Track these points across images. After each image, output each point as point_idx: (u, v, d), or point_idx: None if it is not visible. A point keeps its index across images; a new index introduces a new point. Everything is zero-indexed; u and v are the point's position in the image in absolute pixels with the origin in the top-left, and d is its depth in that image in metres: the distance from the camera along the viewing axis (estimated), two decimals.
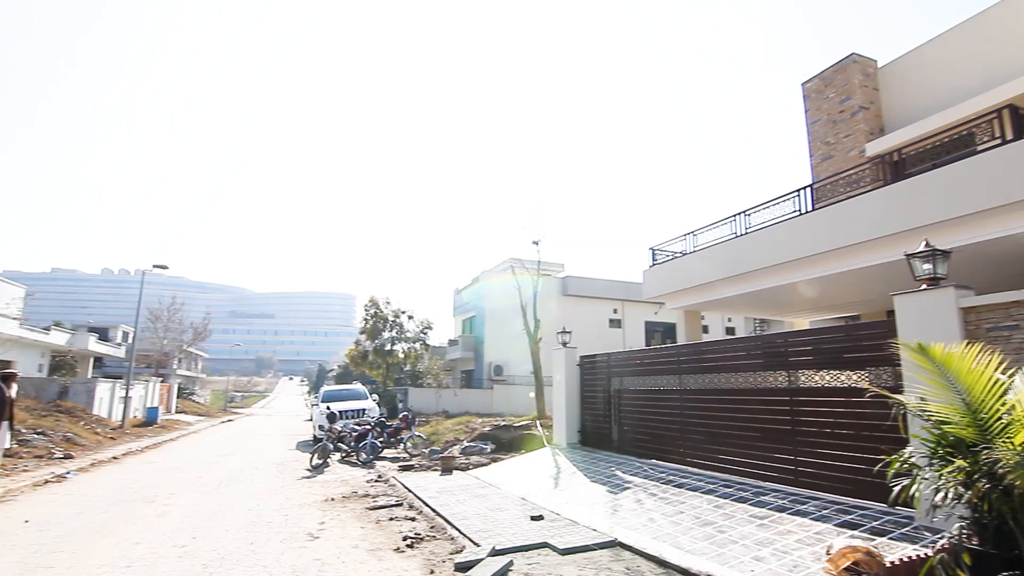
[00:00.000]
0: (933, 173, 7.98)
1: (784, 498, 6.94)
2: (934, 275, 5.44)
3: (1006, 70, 10.36)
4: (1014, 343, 4.91)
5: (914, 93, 12.47)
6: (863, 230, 8.77)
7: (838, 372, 6.91)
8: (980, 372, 3.82)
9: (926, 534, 5.30)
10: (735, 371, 8.56)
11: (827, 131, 13.85)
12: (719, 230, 12.47)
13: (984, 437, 3.81)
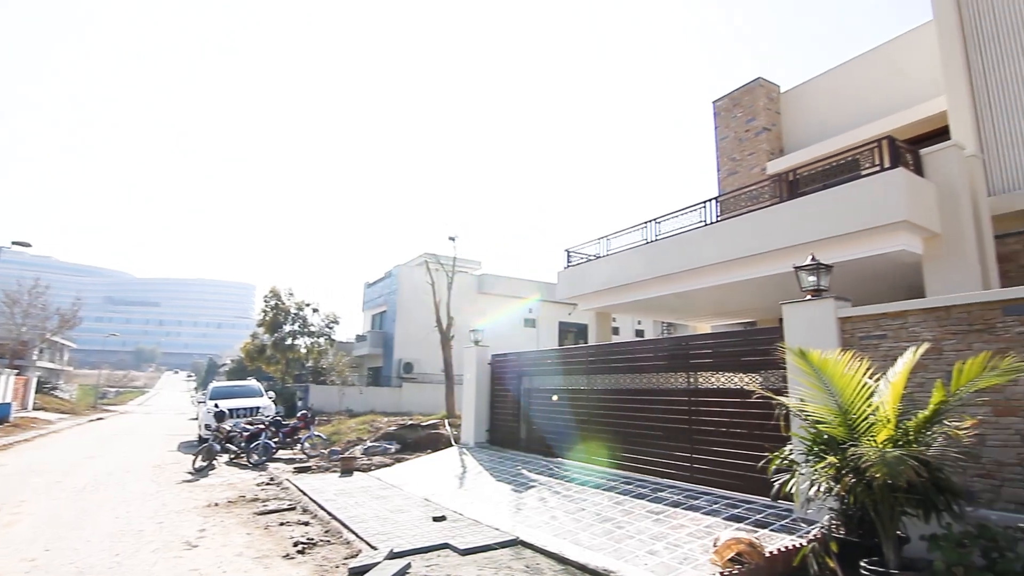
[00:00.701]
0: (820, 194, 8.66)
1: (680, 494, 7.24)
2: (818, 287, 5.86)
3: (886, 105, 11.51)
4: (882, 351, 5.37)
5: (810, 119, 13.55)
6: (760, 242, 9.36)
7: (733, 374, 7.30)
8: (851, 376, 4.11)
9: (802, 525, 5.69)
10: (640, 372, 8.85)
11: (734, 148, 14.74)
12: (631, 235, 12.89)
13: (852, 435, 4.12)
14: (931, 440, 4.06)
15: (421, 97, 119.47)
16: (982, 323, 4.88)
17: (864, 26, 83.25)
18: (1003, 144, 9.14)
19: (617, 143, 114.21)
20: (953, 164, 7.97)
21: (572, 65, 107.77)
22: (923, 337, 5.16)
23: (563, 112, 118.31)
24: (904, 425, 4.05)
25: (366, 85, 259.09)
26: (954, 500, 4.02)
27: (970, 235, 7.76)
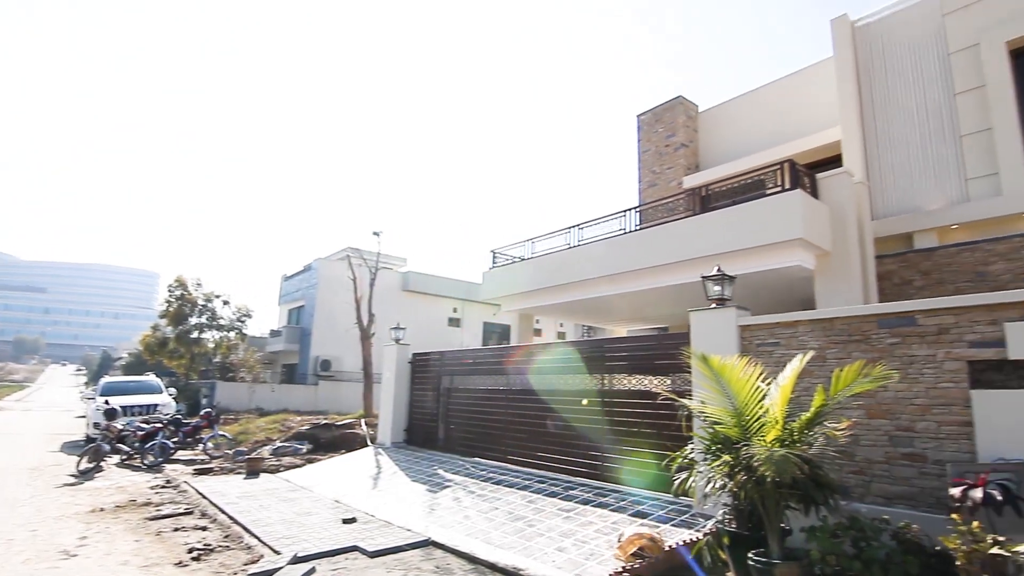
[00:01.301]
0: (728, 210, 9.25)
1: (590, 492, 7.46)
2: (722, 296, 6.26)
3: (790, 131, 12.48)
4: (775, 357, 5.81)
5: (723, 138, 14.41)
6: (674, 252, 9.85)
7: (644, 377, 7.62)
8: (746, 381, 4.42)
9: (700, 520, 6.03)
10: (558, 373, 9.04)
11: (654, 161, 15.41)
12: (556, 240, 13.18)
13: (746, 435, 4.43)
14: (813, 440, 4.44)
15: (353, 87, 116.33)
16: (860, 334, 5.40)
17: (777, 55, 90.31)
18: (885, 174, 10.15)
19: (547, 149, 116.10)
20: (844, 189, 8.76)
21: (506, 72, 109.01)
22: (810, 345, 5.63)
23: (494, 117, 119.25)
24: (790, 426, 4.41)
25: (291, 70, 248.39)
26: (831, 495, 4.41)
27: (855, 254, 8.55)
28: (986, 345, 4.72)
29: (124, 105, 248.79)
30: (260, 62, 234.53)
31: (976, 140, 9.07)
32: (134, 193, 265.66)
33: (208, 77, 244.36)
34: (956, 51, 9.44)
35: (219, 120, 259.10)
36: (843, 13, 11.17)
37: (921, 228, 9.31)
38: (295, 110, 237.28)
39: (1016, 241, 8.18)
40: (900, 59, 10.36)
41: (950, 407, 4.86)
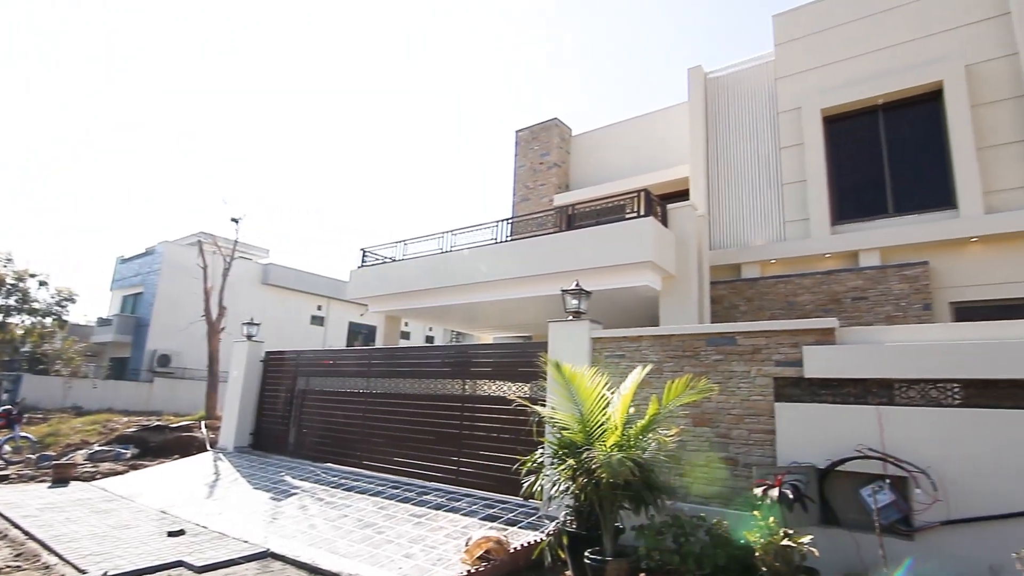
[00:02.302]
0: (591, 230, 9.90)
1: (444, 496, 7.49)
2: (578, 310, 6.67)
3: (647, 164, 13.70)
4: (621, 368, 6.30)
5: (592, 163, 15.38)
6: (541, 265, 10.28)
7: (504, 383, 7.84)
8: (592, 389, 4.75)
9: (546, 522, 6.31)
10: (421, 377, 8.99)
11: (528, 176, 16.00)
12: (429, 243, 13.13)
13: (589, 441, 4.76)
14: (646, 445, 4.88)
15: (216, 60, 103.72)
16: (692, 351, 6.05)
17: (645, 91, 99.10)
18: (723, 210, 11.51)
19: (426, 153, 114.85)
20: (689, 221, 9.78)
21: (388, 73, 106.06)
22: (651, 359, 6.20)
23: (377, 116, 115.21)
24: (628, 432, 4.81)
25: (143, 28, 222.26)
26: (659, 496, 4.88)
27: (695, 279, 9.57)
28: (788, 364, 5.53)
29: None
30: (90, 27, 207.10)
31: (794, 189, 10.64)
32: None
33: None
34: (783, 111, 11.01)
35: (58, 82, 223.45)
36: (698, 64, 12.53)
37: (748, 260, 10.68)
38: (144, 71, 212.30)
39: (818, 277, 9.70)
40: (741, 111, 11.84)
41: (759, 417, 5.61)
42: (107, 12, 76.00)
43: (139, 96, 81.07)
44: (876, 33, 10.26)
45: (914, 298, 8.75)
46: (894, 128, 10.08)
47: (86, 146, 79.43)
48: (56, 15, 41.05)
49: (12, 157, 62.66)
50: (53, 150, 75.84)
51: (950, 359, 4.81)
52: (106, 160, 78.18)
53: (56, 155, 74.93)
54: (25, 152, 71.16)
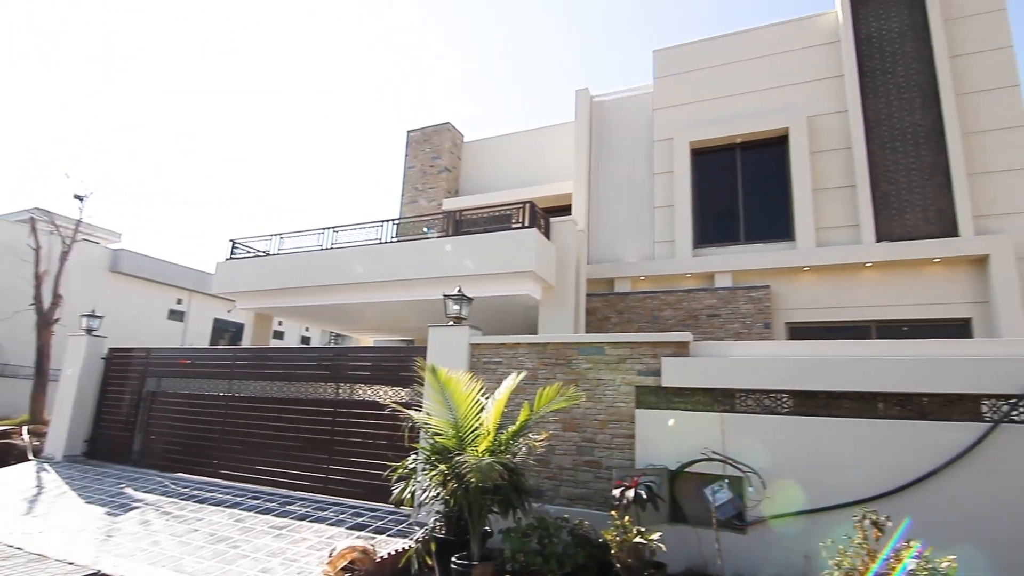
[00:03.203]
0: (478, 236, 10.04)
1: (310, 506, 7.15)
2: (459, 315, 6.71)
3: (534, 176, 14.18)
4: (498, 374, 6.43)
5: (482, 171, 15.59)
6: (427, 268, 10.22)
7: (381, 387, 7.66)
8: (467, 394, 4.81)
9: (416, 528, 6.25)
10: (293, 380, 8.52)
11: (418, 178, 15.83)
12: (308, 239, 12.50)
13: (462, 446, 4.81)
14: (517, 450, 5.03)
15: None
16: (564, 359, 6.33)
17: (534, 105, 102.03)
18: (601, 227, 12.22)
19: (312, 152, 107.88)
20: (569, 235, 10.26)
21: (275, 69, 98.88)
22: (527, 366, 6.40)
23: (259, 111, 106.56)
24: (500, 437, 4.92)
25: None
26: (527, 498, 5.04)
27: (572, 291, 10.05)
28: (648, 374, 5.97)
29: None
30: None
31: (663, 212, 11.57)
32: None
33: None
34: (658, 140, 11.95)
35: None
36: (586, 87, 13.24)
37: (620, 275, 11.43)
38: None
39: (680, 295, 10.62)
40: (622, 136, 12.66)
41: (621, 422, 6.00)
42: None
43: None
44: (738, 79, 11.50)
45: (757, 317, 9.87)
46: (749, 165, 11.34)
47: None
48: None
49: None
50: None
51: (781, 372, 5.49)
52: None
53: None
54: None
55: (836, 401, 5.34)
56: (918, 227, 9.58)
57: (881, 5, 10.62)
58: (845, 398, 5.30)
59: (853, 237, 9.96)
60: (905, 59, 10.25)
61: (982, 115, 9.63)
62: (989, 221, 9.23)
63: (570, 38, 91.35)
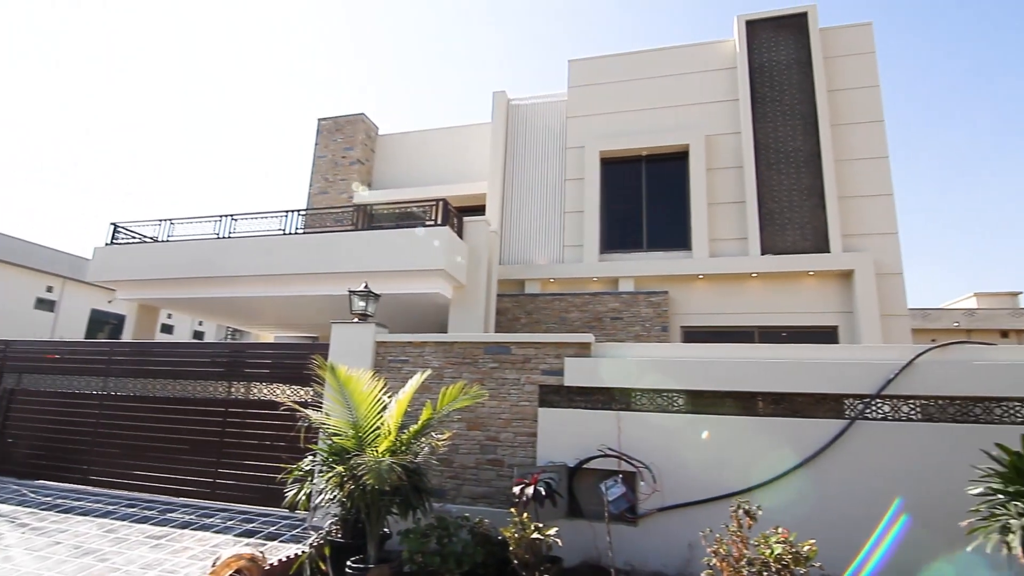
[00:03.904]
0: (389, 232, 9.84)
1: (194, 513, 6.69)
2: (365, 312, 6.55)
3: (449, 174, 14.12)
4: (403, 373, 6.34)
5: (396, 165, 15.28)
6: (335, 263, 9.85)
7: (286, 386, 7.29)
8: (368, 393, 4.70)
9: (311, 533, 6.01)
10: (181, 378, 7.91)
11: (329, 169, 15.24)
12: (203, 226, 11.65)
13: (361, 446, 4.70)
14: (419, 449, 4.98)
15: None
16: (471, 358, 6.36)
17: (453, 103, 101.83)
18: (513, 228, 12.40)
19: (210, 127, 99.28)
20: (482, 235, 10.31)
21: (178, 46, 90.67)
22: (433, 365, 6.36)
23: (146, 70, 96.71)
24: (401, 437, 4.85)
25: None
26: (427, 498, 5.00)
27: (483, 291, 10.11)
28: (552, 373, 6.14)
29: None
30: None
31: (573, 217, 11.93)
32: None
33: None
34: (571, 147, 12.31)
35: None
36: (503, 90, 13.37)
37: (531, 277, 11.65)
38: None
39: (586, 298, 10.99)
40: (537, 140, 12.91)
41: (524, 421, 6.12)
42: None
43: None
44: (646, 94, 12.10)
45: (656, 321, 10.43)
46: (653, 177, 11.96)
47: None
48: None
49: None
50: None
51: (673, 373, 5.84)
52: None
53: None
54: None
55: (721, 400, 5.75)
56: (797, 242, 10.56)
57: (772, 38, 11.60)
58: (729, 397, 5.73)
59: (742, 249, 10.79)
60: (791, 89, 11.26)
61: (852, 145, 10.79)
62: (855, 240, 10.36)
63: (492, 41, 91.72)
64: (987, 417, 5.07)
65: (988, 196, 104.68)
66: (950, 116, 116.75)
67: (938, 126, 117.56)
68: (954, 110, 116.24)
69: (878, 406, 5.31)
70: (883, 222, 10.34)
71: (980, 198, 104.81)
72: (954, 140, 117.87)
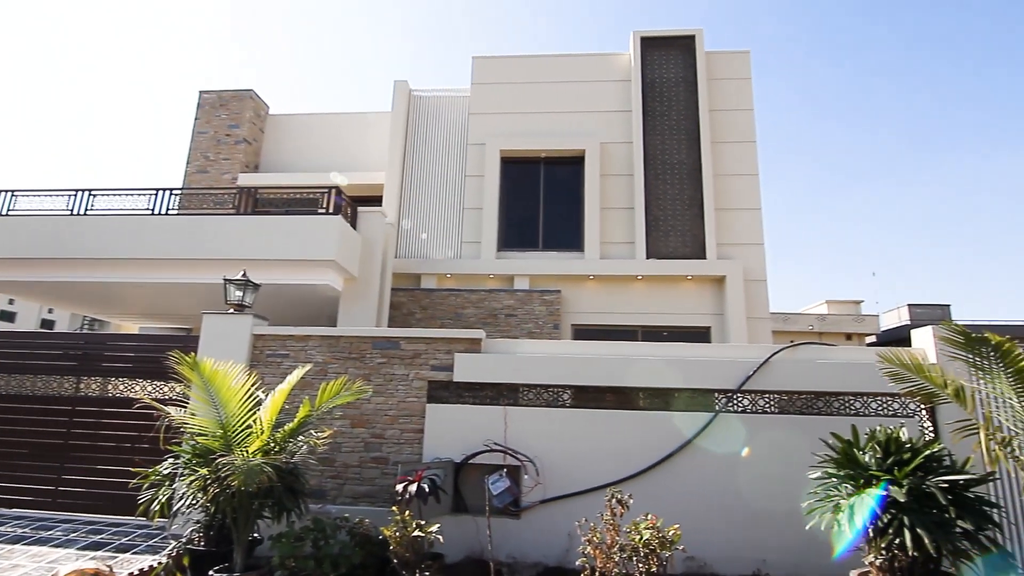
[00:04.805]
0: (276, 218, 9.24)
1: (29, 525, 5.89)
2: (242, 302, 6.10)
3: (346, 162, 13.56)
4: (283, 368, 5.98)
5: (288, 148, 14.41)
6: (215, 248, 9.08)
7: (146, 382, 6.62)
8: (238, 390, 4.38)
9: (171, 542, 5.52)
10: (23, 373, 6.92)
11: (210, 146, 14.05)
12: (55, 200, 10.26)
13: (229, 447, 4.36)
14: (296, 448, 4.72)
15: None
16: (358, 353, 6.15)
17: (353, 88, 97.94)
18: (411, 221, 12.17)
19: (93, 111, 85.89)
20: (378, 226, 10.01)
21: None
22: (316, 360, 6.07)
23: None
24: (275, 436, 4.57)
25: None
26: (303, 500, 4.75)
27: (376, 284, 9.82)
28: (442, 369, 6.09)
29: None
30: None
31: (472, 214, 11.93)
32: None
33: None
34: (472, 144, 12.29)
35: None
36: (405, 79, 13.10)
37: (427, 272, 11.49)
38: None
39: (482, 294, 11.04)
40: (438, 134, 12.76)
41: (412, 417, 6.01)
42: None
43: None
44: (547, 98, 12.37)
45: (548, 319, 10.71)
46: (551, 178, 12.26)
47: None
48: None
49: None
50: None
51: (559, 369, 6.01)
52: None
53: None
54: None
55: (604, 395, 6.02)
56: (678, 248, 11.31)
57: (663, 56, 12.33)
58: (611, 392, 6.00)
59: (629, 253, 11.37)
60: (678, 105, 12.03)
61: (728, 162, 11.74)
62: (728, 249, 11.29)
63: (396, 31, 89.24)
64: (827, 409, 5.73)
65: (847, 215, 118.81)
66: (810, 145, 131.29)
67: (804, 153, 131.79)
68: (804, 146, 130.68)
69: (739, 400, 5.81)
70: (752, 233, 11.36)
71: (841, 217, 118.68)
72: (812, 168, 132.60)
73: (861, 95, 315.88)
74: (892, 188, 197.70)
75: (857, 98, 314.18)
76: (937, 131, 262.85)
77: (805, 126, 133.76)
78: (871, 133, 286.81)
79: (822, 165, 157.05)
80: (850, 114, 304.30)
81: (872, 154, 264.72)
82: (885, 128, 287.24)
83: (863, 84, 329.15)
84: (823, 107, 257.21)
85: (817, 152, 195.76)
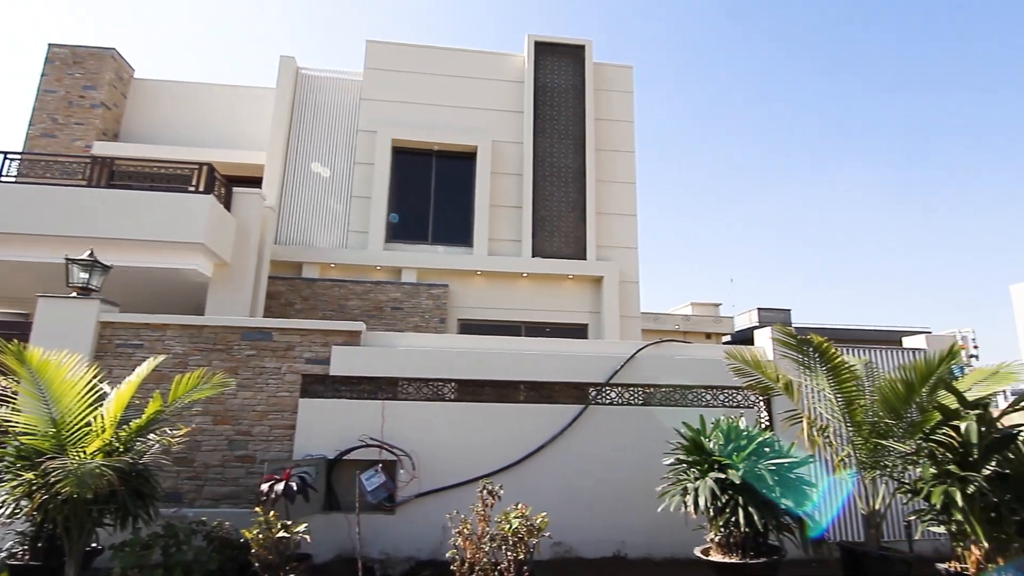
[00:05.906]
0: (138, 193, 8.32)
1: None
2: (88, 285, 5.47)
3: (222, 138, 12.56)
4: (136, 359, 5.44)
5: (155, 117, 13.02)
6: (63, 224, 8.01)
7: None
8: (73, 383, 3.94)
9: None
10: None
11: (60, 108, 12.36)
12: None
13: (62, 447, 3.91)
14: (144, 448, 4.33)
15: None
16: (224, 344, 5.76)
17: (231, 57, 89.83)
18: (294, 206, 11.56)
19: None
20: (254, 209, 9.39)
21: None
22: (176, 351, 5.60)
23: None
24: (120, 434, 4.17)
25: None
26: (152, 504, 4.37)
27: (251, 271, 9.21)
28: (317, 362, 5.88)
29: None
30: None
31: (360, 203, 11.56)
32: None
33: None
34: (363, 130, 11.89)
35: None
36: (292, 56, 12.36)
37: (310, 260, 10.97)
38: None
39: (368, 286, 10.75)
40: (326, 117, 12.20)
41: (283, 413, 5.75)
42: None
43: None
44: (442, 91, 12.29)
45: (435, 313, 10.69)
46: (442, 172, 12.22)
47: None
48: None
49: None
50: None
51: (440, 363, 6.04)
52: None
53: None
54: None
55: (484, 389, 6.15)
56: (562, 249, 11.78)
57: (555, 62, 12.74)
58: (490, 386, 6.14)
59: (516, 250, 11.65)
60: (567, 111, 12.50)
61: (609, 169, 12.41)
62: (606, 251, 11.94)
63: (286, 8, 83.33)
64: (684, 401, 6.29)
65: (711, 223, 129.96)
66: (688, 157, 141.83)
67: (682, 163, 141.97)
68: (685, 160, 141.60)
69: (607, 393, 6.21)
70: (627, 237, 12.11)
71: (708, 224, 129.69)
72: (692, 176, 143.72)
73: (740, 103, 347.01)
74: (756, 196, 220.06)
75: (734, 106, 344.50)
76: (791, 140, 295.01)
77: (684, 133, 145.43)
78: (743, 142, 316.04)
79: (702, 174, 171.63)
80: (727, 122, 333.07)
81: (741, 163, 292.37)
82: (756, 138, 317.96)
83: (739, 92, 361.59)
84: (700, 114, 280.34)
85: (691, 159, 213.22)
